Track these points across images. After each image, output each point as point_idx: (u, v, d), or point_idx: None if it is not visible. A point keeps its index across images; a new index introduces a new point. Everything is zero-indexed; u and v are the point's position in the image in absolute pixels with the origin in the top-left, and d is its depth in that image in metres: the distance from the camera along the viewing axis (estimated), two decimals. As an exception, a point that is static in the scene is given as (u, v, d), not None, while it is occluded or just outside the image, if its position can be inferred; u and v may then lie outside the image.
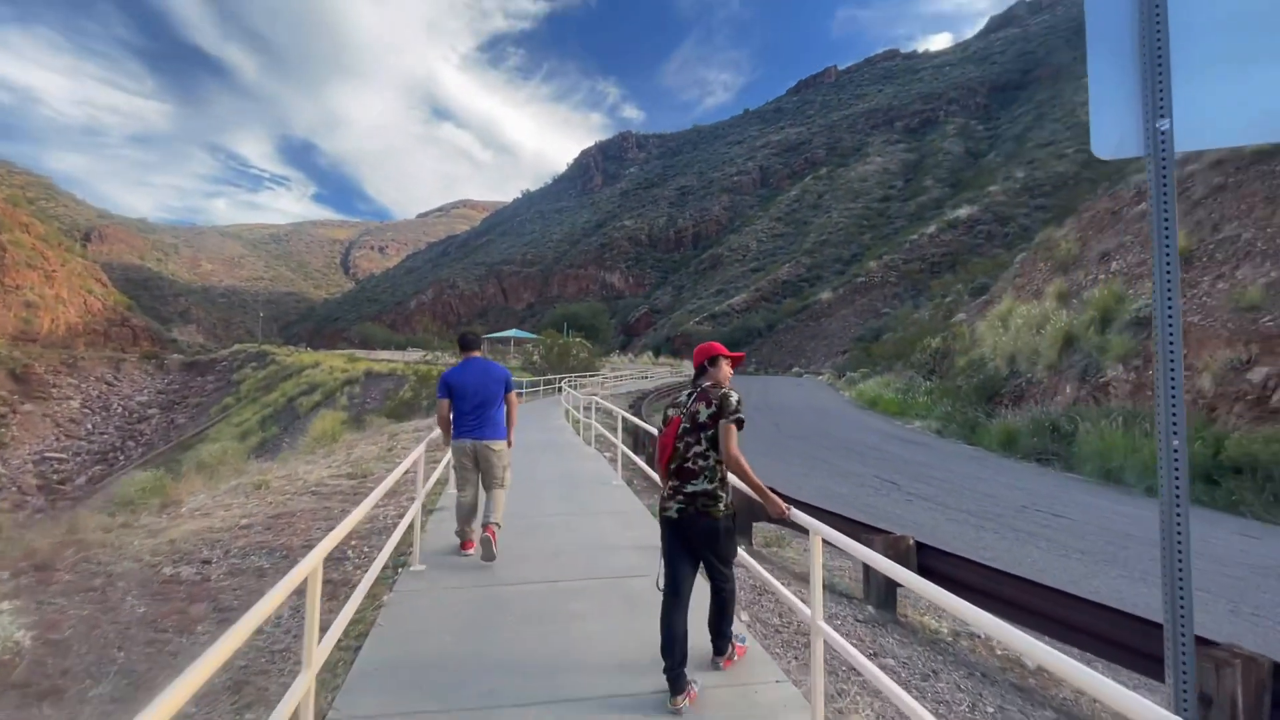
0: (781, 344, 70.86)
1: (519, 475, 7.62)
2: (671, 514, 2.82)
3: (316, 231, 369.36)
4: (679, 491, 2.82)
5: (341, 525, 2.53)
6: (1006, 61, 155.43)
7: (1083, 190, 51.28)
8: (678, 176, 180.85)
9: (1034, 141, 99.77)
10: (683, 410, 2.92)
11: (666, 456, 2.88)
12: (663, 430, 2.98)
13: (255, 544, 4.66)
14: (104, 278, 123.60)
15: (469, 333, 5.11)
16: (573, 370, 30.11)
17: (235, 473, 8.41)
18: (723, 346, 3.09)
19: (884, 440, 14.78)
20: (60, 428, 78.86)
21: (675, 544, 2.86)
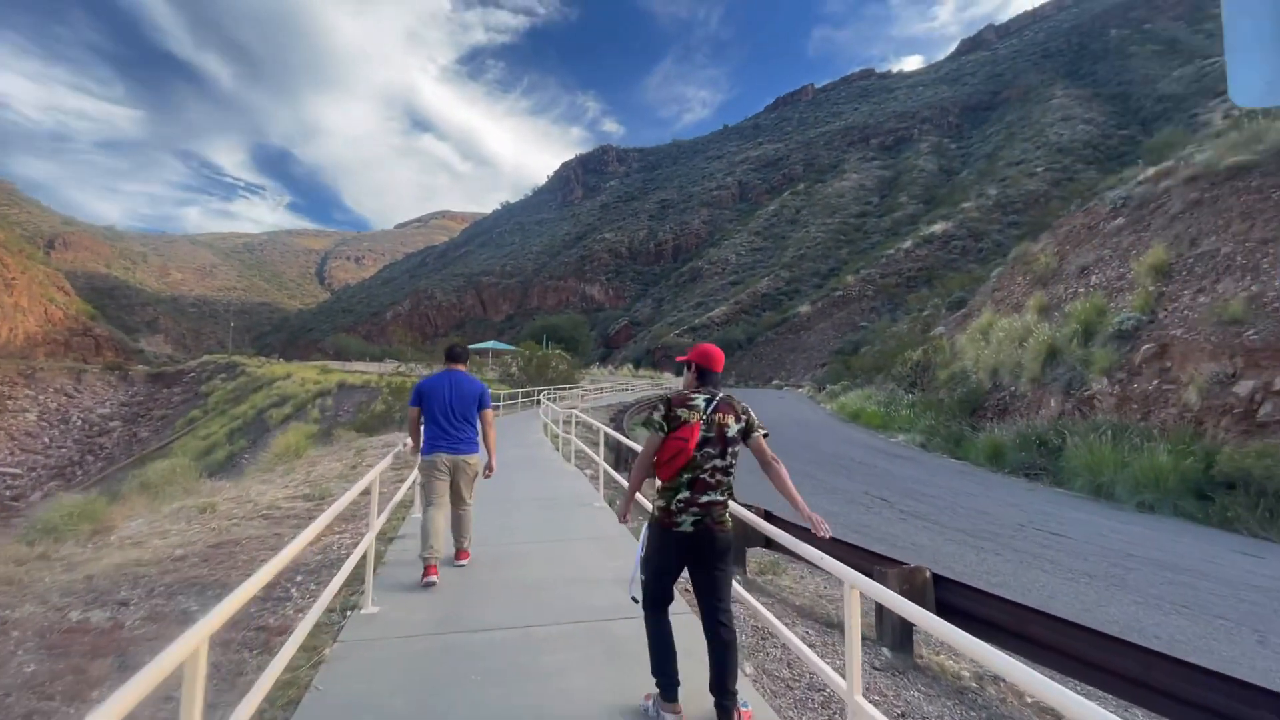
0: (761, 356, 70.96)
1: (494, 495, 7.11)
2: (686, 528, 2.66)
3: (292, 241, 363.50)
4: (692, 503, 2.68)
5: (261, 572, 2.03)
6: (977, 83, 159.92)
7: (1054, 207, 52.47)
8: (658, 190, 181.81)
9: (1005, 160, 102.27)
10: (702, 417, 2.73)
11: (681, 464, 2.69)
12: (674, 432, 2.73)
13: (186, 580, 4.08)
14: (67, 286, 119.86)
15: (457, 345, 5.09)
16: (552, 382, 29.53)
17: (185, 492, 7.74)
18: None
19: (870, 454, 14.50)
20: (15, 441, 75.54)
21: (675, 560, 2.74)
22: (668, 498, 2.72)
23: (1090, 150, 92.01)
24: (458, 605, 3.80)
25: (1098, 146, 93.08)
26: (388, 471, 8.22)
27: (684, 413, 2.74)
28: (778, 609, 4.29)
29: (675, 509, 2.68)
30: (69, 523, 5.62)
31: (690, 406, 2.76)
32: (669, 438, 2.73)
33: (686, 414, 2.73)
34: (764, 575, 5.38)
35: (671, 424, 2.73)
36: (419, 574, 4.23)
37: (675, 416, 2.74)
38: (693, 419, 2.72)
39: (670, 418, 2.75)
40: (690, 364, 2.99)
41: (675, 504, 2.69)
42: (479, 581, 4.20)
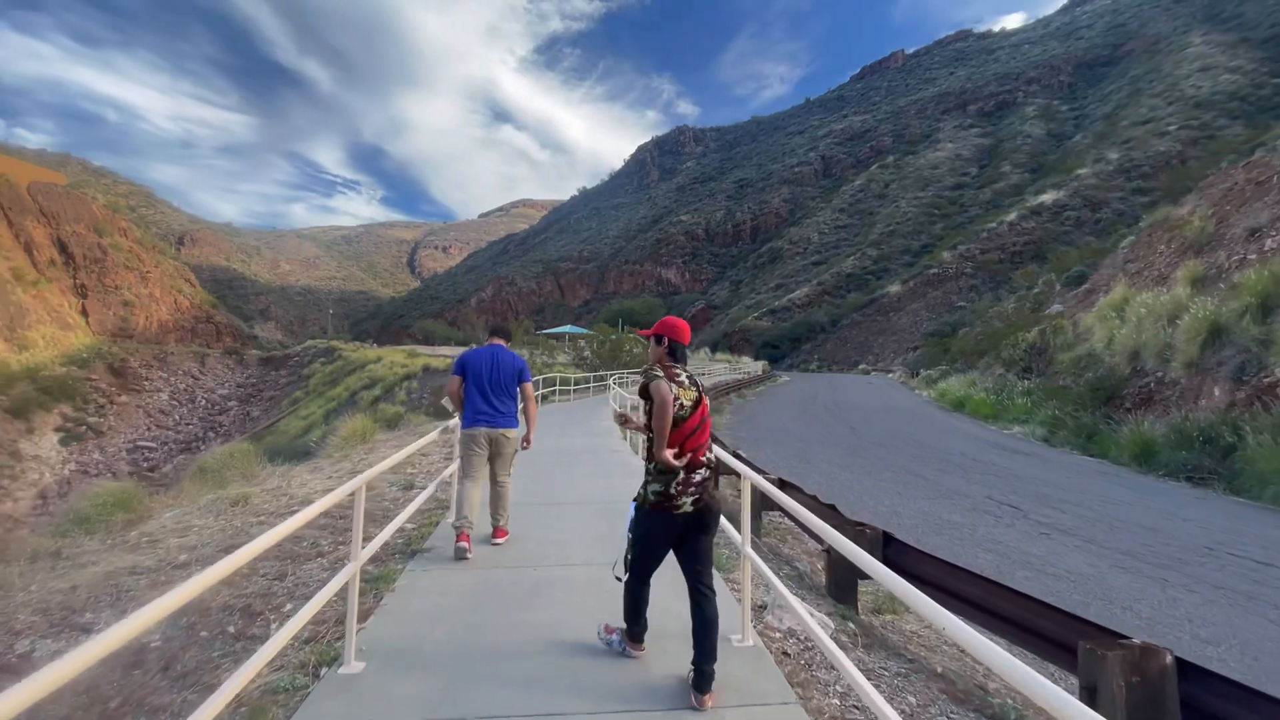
0: (846, 340, 67.33)
1: (549, 494, 6.23)
2: (687, 508, 2.67)
3: (385, 233, 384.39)
4: (690, 483, 2.67)
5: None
6: (1094, 36, 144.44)
7: (1195, 167, 45.85)
8: (736, 169, 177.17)
9: (1129, 120, 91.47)
10: (693, 393, 2.72)
11: (702, 440, 2.70)
12: (690, 412, 2.67)
13: (175, 597, 3.42)
14: (192, 278, 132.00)
15: (502, 324, 5.21)
16: (626, 366, 28.78)
17: (242, 477, 7.40)
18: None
19: (983, 449, 12.64)
20: (151, 418, 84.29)
21: (669, 540, 2.74)
22: (665, 481, 2.65)
23: (1237, 103, 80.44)
24: (474, 663, 2.86)
25: (1246, 98, 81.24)
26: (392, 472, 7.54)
27: (677, 389, 2.66)
28: (900, 679, 3.07)
29: (675, 491, 2.64)
30: (103, 512, 5.24)
31: (679, 383, 2.69)
32: (703, 419, 2.71)
33: (680, 392, 2.67)
34: (880, 615, 4.14)
35: (680, 403, 2.66)
36: (423, 628, 3.30)
37: (678, 398, 2.66)
38: (688, 398, 2.68)
39: (676, 399, 2.65)
40: (660, 338, 2.85)
41: (675, 486, 2.64)
42: (506, 624, 3.27)
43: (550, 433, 11.50)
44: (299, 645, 2.93)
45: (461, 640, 3.08)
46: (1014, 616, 3.18)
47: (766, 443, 12.97)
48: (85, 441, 70.86)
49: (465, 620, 3.31)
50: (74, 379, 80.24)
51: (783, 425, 16.20)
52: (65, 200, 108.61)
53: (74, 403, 77.15)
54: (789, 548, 5.56)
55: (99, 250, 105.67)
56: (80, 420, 74.17)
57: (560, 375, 20.11)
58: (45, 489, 59.98)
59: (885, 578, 1.81)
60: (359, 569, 2.73)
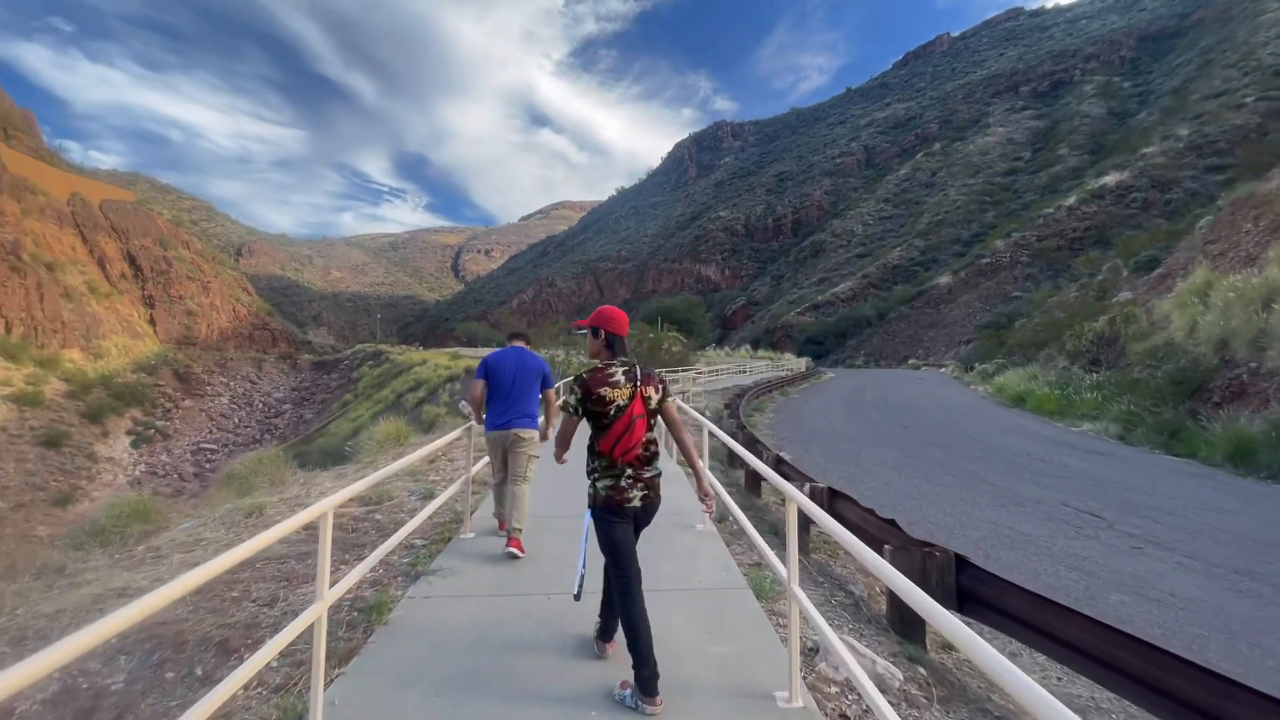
0: (894, 334, 65.04)
1: (570, 505, 5.78)
2: (636, 503, 2.67)
3: (429, 238, 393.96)
4: (639, 479, 2.68)
5: None
6: (1158, 7, 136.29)
7: (1277, 141, 42.27)
8: (775, 163, 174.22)
9: (1200, 93, 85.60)
10: (626, 391, 2.66)
11: (640, 439, 2.65)
12: (622, 412, 2.63)
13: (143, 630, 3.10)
14: (249, 287, 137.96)
15: (517, 329, 5.17)
16: (665, 365, 28.26)
17: (271, 484, 7.24)
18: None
19: (1051, 448, 11.63)
20: (213, 421, 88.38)
21: (628, 531, 2.70)
22: (614, 476, 2.65)
23: (1324, 70, 74.35)
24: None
25: (1334, 64, 75.04)
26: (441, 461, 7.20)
27: (608, 391, 2.63)
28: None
29: (625, 485, 2.64)
30: (118, 524, 5.07)
31: (612, 383, 2.65)
32: (633, 419, 2.62)
33: (611, 392, 2.63)
34: (956, 652, 3.52)
35: (592, 406, 2.63)
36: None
37: (599, 397, 2.62)
38: (622, 397, 2.63)
39: (591, 399, 2.63)
40: (596, 330, 2.79)
41: (624, 480, 2.64)
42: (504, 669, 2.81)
43: (582, 436, 11.15)
44: (265, 695, 2.54)
45: (455, 694, 2.63)
46: (1132, 670, 2.55)
47: (813, 444, 12.26)
48: (154, 444, 74.71)
49: (462, 666, 2.87)
50: (143, 385, 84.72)
51: (829, 424, 15.40)
52: (134, 216, 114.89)
53: (143, 407, 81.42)
54: (841, 565, 4.96)
55: (164, 262, 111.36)
56: (149, 424, 78.26)
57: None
58: (118, 489, 63.33)
59: (949, 627, 1.39)
60: (325, 611, 2.30)
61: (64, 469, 60.88)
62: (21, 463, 58.91)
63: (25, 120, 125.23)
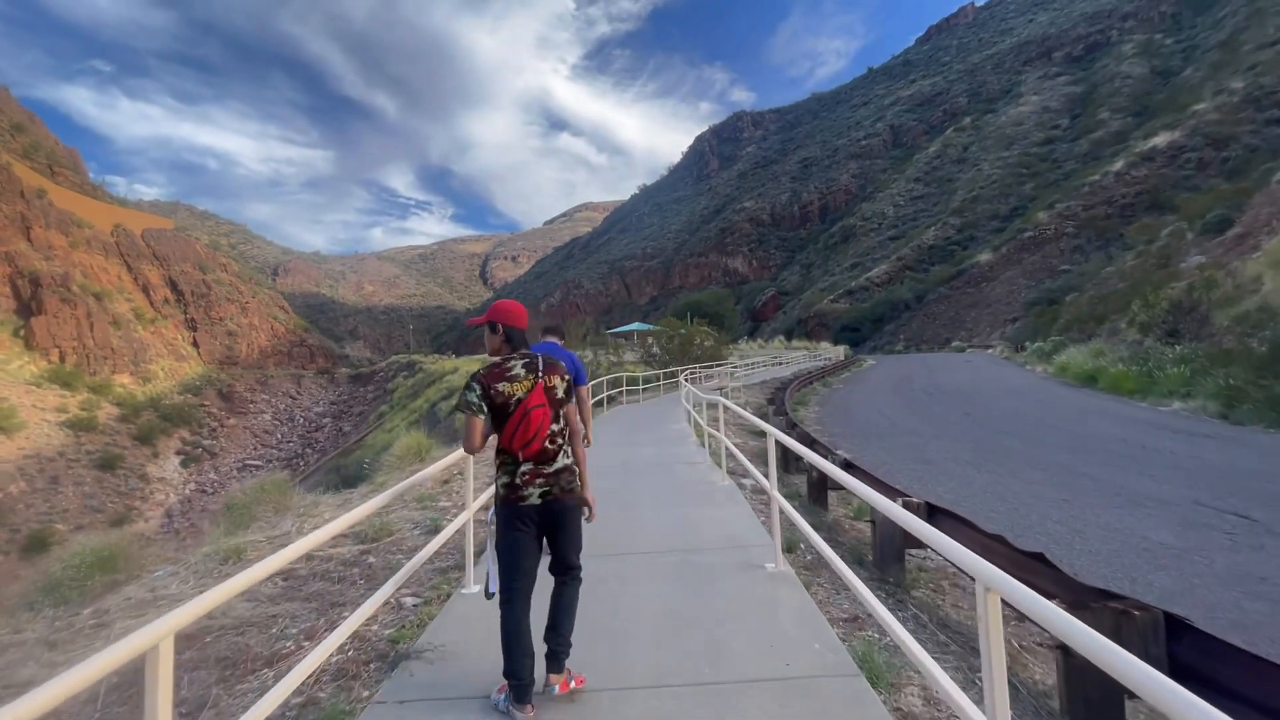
0: (934, 316, 62.53)
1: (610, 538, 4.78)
2: (534, 499, 2.54)
3: (457, 248, 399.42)
4: (538, 474, 2.56)
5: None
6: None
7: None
8: (798, 150, 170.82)
9: (1252, 44, 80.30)
10: (538, 380, 2.59)
11: (545, 434, 2.55)
12: (525, 404, 2.53)
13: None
14: (286, 305, 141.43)
15: (554, 322, 4.98)
16: (697, 361, 27.21)
17: (275, 512, 6.52)
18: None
19: (1146, 432, 10.25)
20: (257, 438, 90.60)
21: (529, 535, 2.57)
22: (510, 471, 2.57)
23: (1391, 7, 68.90)
24: None
25: (1402, 1, 69.51)
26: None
27: (506, 386, 2.55)
28: None
29: (521, 482, 2.55)
30: (79, 576, 4.34)
31: (510, 377, 2.58)
32: (529, 410, 2.52)
33: (510, 386, 2.55)
34: None
35: (493, 402, 2.53)
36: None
37: (498, 392, 2.53)
38: (521, 390, 2.54)
39: (490, 395, 2.53)
40: (494, 325, 2.72)
41: (520, 477, 2.55)
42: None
43: (614, 440, 10.14)
44: None
45: None
46: None
47: (870, 438, 11.12)
48: (201, 462, 76.82)
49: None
50: (190, 406, 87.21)
51: (884, 415, 14.18)
52: (174, 243, 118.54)
53: (190, 427, 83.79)
54: (949, 600, 3.90)
55: (204, 286, 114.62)
56: (196, 444, 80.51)
57: (628, 375, 18.82)
58: (170, 508, 65.21)
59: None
60: None
61: (119, 490, 62.84)
62: (79, 486, 60.92)
63: (71, 158, 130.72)
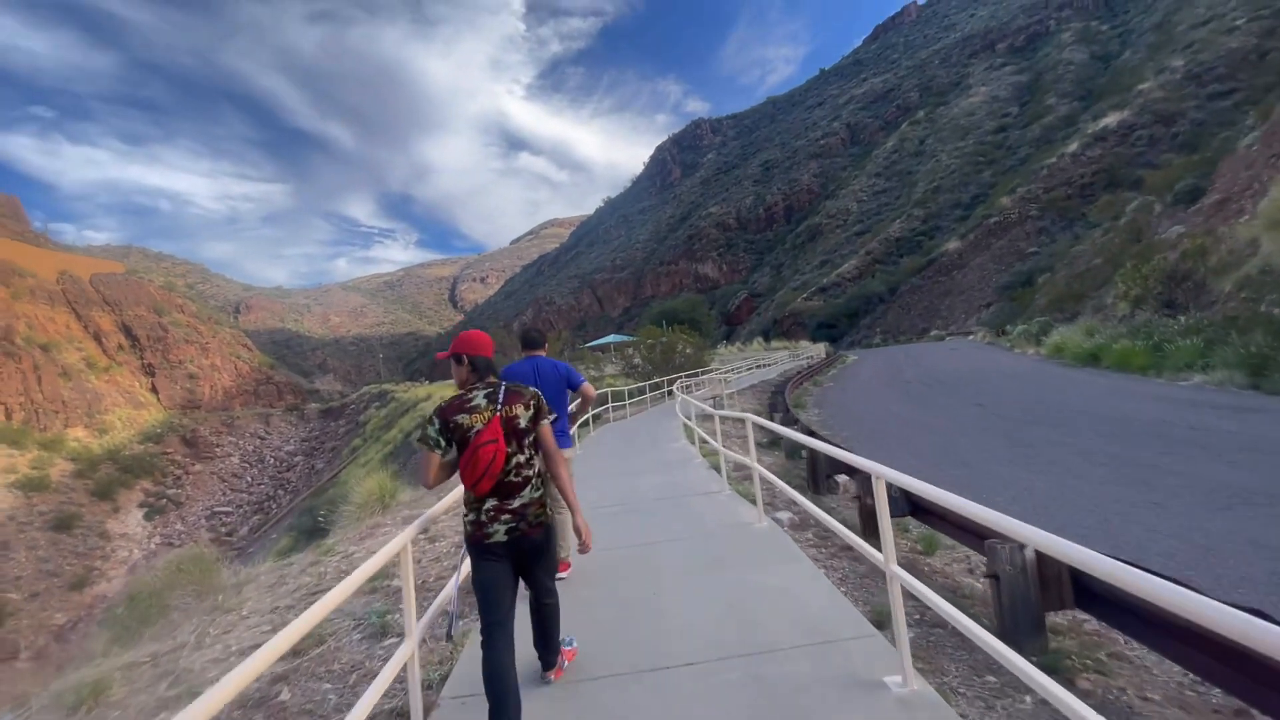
0: (909, 307, 62.64)
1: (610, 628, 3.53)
2: (500, 537, 2.44)
3: (424, 273, 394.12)
4: (504, 510, 2.45)
5: None
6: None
7: None
8: (759, 153, 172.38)
9: (1185, 23, 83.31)
10: (496, 412, 2.47)
11: (497, 471, 2.40)
12: (475, 441, 2.40)
13: None
14: (249, 343, 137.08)
15: (533, 329, 4.58)
16: (680, 369, 26.13)
17: (197, 593, 5.17)
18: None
19: (1187, 411, 9.41)
20: (225, 483, 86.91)
21: (500, 570, 2.48)
22: (475, 509, 2.48)
23: (1311, -19, 71.85)
24: None
25: (1321, -24, 72.59)
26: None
27: (465, 418, 2.45)
28: None
29: (485, 519, 2.45)
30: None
31: (470, 409, 2.48)
32: (478, 447, 2.37)
33: (468, 419, 2.45)
34: None
35: (453, 435, 2.44)
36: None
37: (456, 425, 2.44)
38: (479, 423, 2.43)
39: (450, 429, 2.44)
40: (459, 358, 2.69)
41: (485, 514, 2.45)
42: None
43: (607, 468, 8.81)
44: None
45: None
46: None
47: (887, 439, 10.10)
48: (167, 514, 73.19)
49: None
50: (151, 455, 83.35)
51: (890, 413, 13.22)
52: (125, 286, 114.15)
53: (153, 477, 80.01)
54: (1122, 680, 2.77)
55: (160, 329, 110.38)
56: (160, 494, 76.81)
57: (611, 389, 17.60)
58: (135, 565, 61.75)
59: None
60: None
61: (77, 551, 59.30)
62: (33, 550, 57.25)
63: (9, 206, 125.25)
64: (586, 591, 3.87)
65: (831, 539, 4.41)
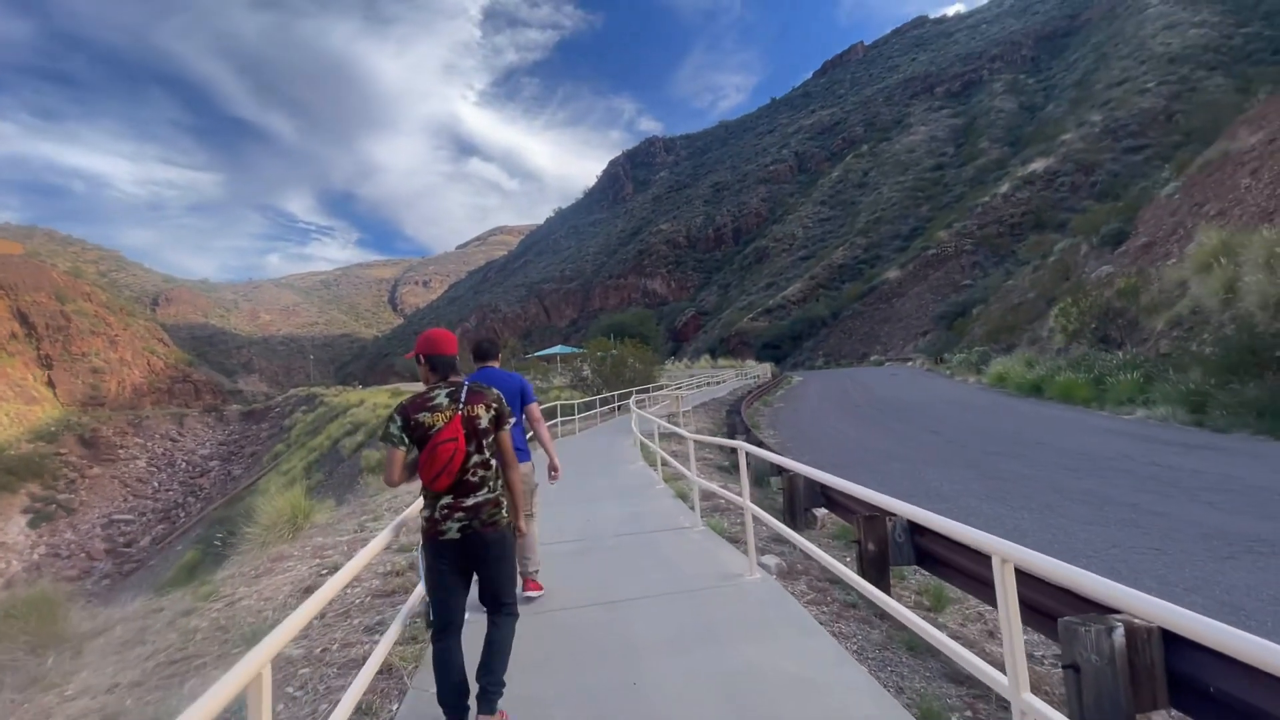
0: (850, 331, 64.47)
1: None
2: (452, 534, 2.45)
3: (363, 273, 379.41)
4: (457, 508, 2.47)
5: None
6: (1049, 9, 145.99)
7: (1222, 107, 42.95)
8: (710, 174, 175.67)
9: (1103, 82, 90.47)
10: (457, 411, 2.50)
11: (456, 468, 2.43)
12: (435, 438, 2.42)
13: None
14: (165, 337, 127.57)
15: (485, 340, 4.22)
16: (631, 383, 25.47)
17: (31, 648, 4.06)
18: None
19: (1142, 447, 9.44)
20: (128, 488, 79.77)
21: (452, 570, 2.50)
22: (431, 505, 2.50)
23: (1211, 54, 79.58)
24: None
25: (1219, 50, 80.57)
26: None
27: (427, 416, 2.46)
28: None
29: (440, 516, 2.47)
30: None
31: (432, 407, 2.49)
32: (436, 445, 2.40)
33: (430, 417, 2.46)
34: None
35: (414, 433, 2.44)
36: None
37: (418, 423, 2.44)
38: (440, 421, 2.45)
39: (411, 427, 2.45)
40: (420, 358, 2.69)
41: (439, 510, 2.47)
42: None
43: (558, 494, 7.54)
44: None
45: None
46: None
47: (851, 467, 9.72)
48: (56, 521, 66.52)
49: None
50: (41, 455, 75.91)
51: (847, 437, 12.96)
52: (23, 270, 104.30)
53: (42, 480, 72.81)
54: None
55: (62, 318, 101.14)
56: (49, 499, 69.86)
57: (560, 401, 16.71)
58: (12, 578, 55.54)
59: None
60: None
61: (-61, 563, 52.98)
62: (-117, 564, 50.86)
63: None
64: (540, 683, 2.94)
65: (830, 593, 3.79)
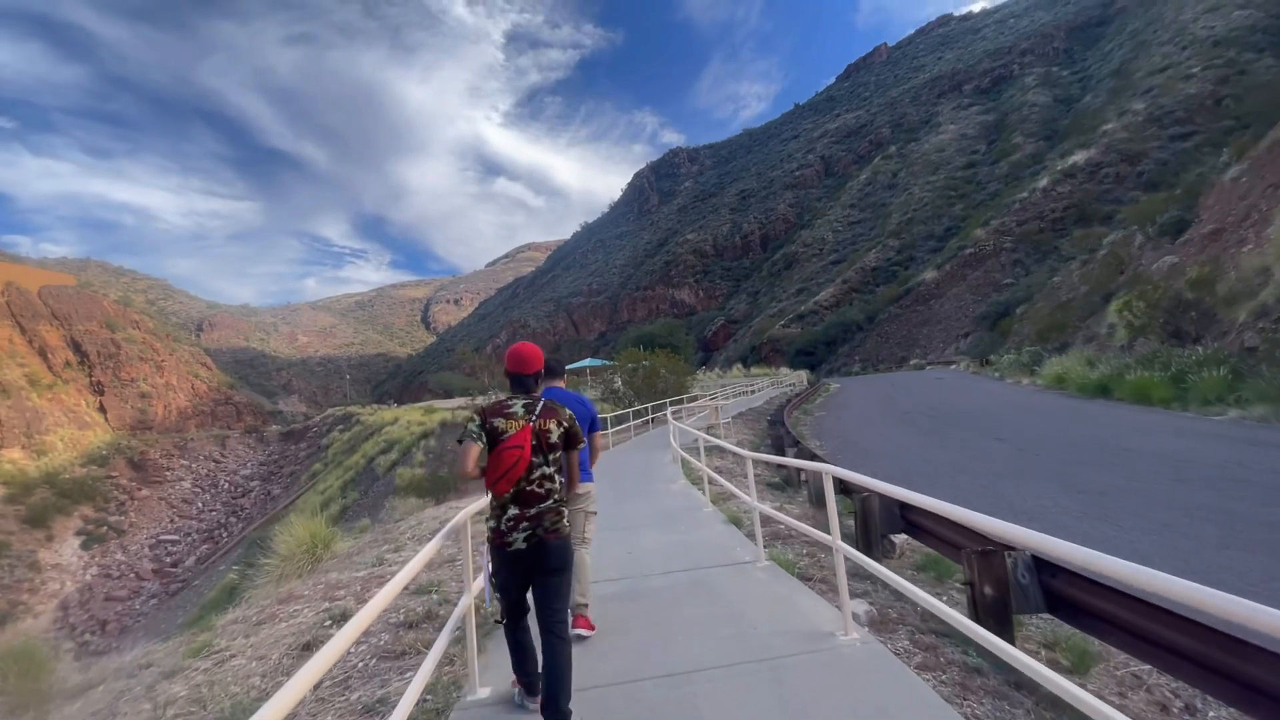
0: (887, 335, 62.57)
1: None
2: (519, 544, 2.53)
3: (396, 294, 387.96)
4: (523, 519, 2.55)
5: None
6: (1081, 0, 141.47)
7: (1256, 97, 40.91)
8: (735, 182, 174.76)
9: (1144, 70, 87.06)
10: (529, 421, 2.59)
11: (518, 476, 2.52)
12: (503, 443, 2.53)
13: None
14: (209, 361, 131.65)
15: (551, 359, 3.82)
16: (663, 395, 24.74)
17: (10, 710, 3.55)
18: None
19: (1255, 453, 8.35)
20: (174, 509, 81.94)
21: (517, 578, 2.60)
22: (497, 517, 2.59)
23: (1259, 35, 75.86)
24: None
25: (1267, 30, 76.74)
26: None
27: (501, 422, 2.58)
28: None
29: (506, 528, 2.55)
30: None
31: (507, 415, 2.61)
32: (503, 449, 2.51)
33: (504, 423, 2.57)
34: None
35: (489, 435, 2.55)
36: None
37: (493, 427, 2.56)
38: (512, 428, 2.55)
39: (487, 429, 2.56)
40: (506, 372, 2.79)
41: (505, 523, 2.56)
42: None
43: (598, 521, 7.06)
44: None
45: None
46: None
47: (919, 482, 8.83)
48: (107, 542, 68.45)
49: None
50: (94, 478, 78.43)
51: (903, 449, 12.01)
52: (76, 300, 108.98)
53: (94, 503, 75.13)
54: None
55: (112, 345, 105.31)
56: (101, 521, 72.03)
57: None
58: (66, 599, 57.20)
59: None
60: None
61: (1, 584, 54.77)
62: (-51, 584, 52.82)
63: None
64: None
65: (940, 651, 3.03)
